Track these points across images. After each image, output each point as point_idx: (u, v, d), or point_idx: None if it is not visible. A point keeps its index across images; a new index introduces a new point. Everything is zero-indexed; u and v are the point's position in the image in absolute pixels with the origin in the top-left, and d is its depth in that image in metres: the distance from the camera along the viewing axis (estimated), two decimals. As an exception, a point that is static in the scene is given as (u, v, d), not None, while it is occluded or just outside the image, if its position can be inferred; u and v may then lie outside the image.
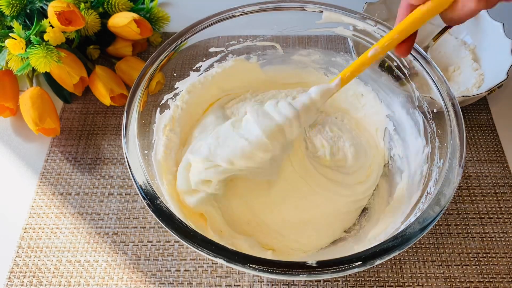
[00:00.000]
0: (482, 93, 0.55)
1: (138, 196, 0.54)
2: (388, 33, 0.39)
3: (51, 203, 0.54)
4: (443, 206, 0.37)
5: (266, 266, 0.34)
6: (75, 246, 0.51)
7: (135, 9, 0.66)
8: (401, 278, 0.48)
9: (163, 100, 0.50)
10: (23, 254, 0.50)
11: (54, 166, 0.57)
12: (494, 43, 0.61)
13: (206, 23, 0.49)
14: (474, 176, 0.56)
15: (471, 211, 0.53)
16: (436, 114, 0.44)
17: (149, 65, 0.46)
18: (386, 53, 0.43)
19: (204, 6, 0.76)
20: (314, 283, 0.48)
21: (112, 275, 0.49)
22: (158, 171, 0.45)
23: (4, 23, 0.60)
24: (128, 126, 0.42)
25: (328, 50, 0.56)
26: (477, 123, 0.61)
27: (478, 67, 0.62)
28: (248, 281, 0.48)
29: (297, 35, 0.55)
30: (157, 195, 0.38)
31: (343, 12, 0.49)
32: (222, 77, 0.54)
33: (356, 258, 0.34)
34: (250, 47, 0.54)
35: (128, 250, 0.50)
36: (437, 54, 0.66)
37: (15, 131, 0.61)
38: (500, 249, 0.50)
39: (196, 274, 0.49)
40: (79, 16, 0.57)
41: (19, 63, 0.56)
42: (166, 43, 0.48)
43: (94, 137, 0.60)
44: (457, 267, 0.49)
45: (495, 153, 0.58)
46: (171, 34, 0.70)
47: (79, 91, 0.62)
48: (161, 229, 0.52)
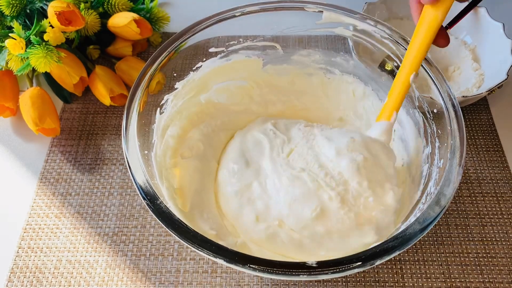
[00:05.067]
0: (482, 93, 0.55)
1: (138, 196, 0.54)
2: (416, 51, 0.41)
3: (51, 203, 0.54)
4: (443, 206, 0.37)
5: (266, 266, 0.34)
6: (75, 246, 0.51)
7: (135, 9, 0.66)
8: (401, 278, 0.48)
9: (163, 100, 0.50)
10: (23, 254, 0.50)
11: (54, 166, 0.57)
12: (494, 43, 0.61)
13: (206, 23, 0.49)
14: (474, 176, 0.56)
15: (471, 211, 0.53)
16: (436, 114, 0.44)
17: (149, 65, 0.46)
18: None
19: (204, 6, 0.76)
20: (314, 283, 0.48)
21: (112, 275, 0.49)
22: (158, 171, 0.45)
23: (4, 23, 0.60)
24: (128, 126, 0.42)
25: (328, 50, 0.56)
26: (477, 123, 0.61)
27: (478, 67, 0.62)
28: (248, 281, 0.48)
29: (297, 35, 0.55)
30: (157, 195, 0.38)
31: (343, 12, 0.49)
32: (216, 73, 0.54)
33: (356, 258, 0.34)
34: (250, 47, 0.54)
35: (128, 250, 0.50)
36: (437, 54, 0.66)
37: (15, 131, 0.61)
38: (500, 249, 0.50)
39: (196, 274, 0.49)
40: (79, 16, 0.57)
41: (19, 63, 0.56)
42: (166, 43, 0.48)
43: (94, 137, 0.60)
44: (457, 267, 0.49)
45: (495, 153, 0.58)
46: (171, 34, 0.70)
47: (79, 91, 0.62)
48: (161, 229, 0.52)
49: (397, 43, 0.48)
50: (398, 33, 0.48)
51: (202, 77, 0.53)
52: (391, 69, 0.50)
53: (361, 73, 0.55)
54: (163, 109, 0.50)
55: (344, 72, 0.56)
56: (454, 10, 0.64)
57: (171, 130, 0.51)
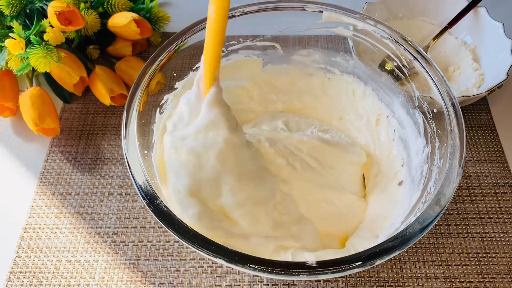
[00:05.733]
0: (482, 93, 0.55)
1: (138, 196, 0.54)
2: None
3: (51, 203, 0.54)
4: (443, 206, 0.37)
5: (266, 266, 0.34)
6: (75, 246, 0.51)
7: (135, 9, 0.66)
8: (401, 278, 0.48)
9: (163, 100, 0.50)
10: (23, 254, 0.50)
11: (54, 166, 0.57)
12: (494, 43, 0.61)
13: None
14: (474, 176, 0.56)
15: (471, 211, 0.53)
16: (436, 114, 0.44)
17: (149, 65, 0.46)
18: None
19: (205, 6, 0.75)
20: (314, 283, 0.48)
21: (112, 275, 0.49)
22: (158, 171, 0.45)
23: (4, 23, 0.60)
24: (128, 126, 0.42)
25: (328, 50, 0.56)
26: (477, 123, 0.61)
27: (478, 67, 0.62)
28: (248, 281, 0.48)
29: (297, 35, 0.55)
30: (157, 195, 0.38)
31: (343, 12, 0.49)
32: None
33: (356, 258, 0.34)
34: (250, 47, 0.54)
35: (128, 250, 0.50)
36: (437, 54, 0.66)
37: (15, 131, 0.61)
38: (500, 249, 0.50)
39: (196, 274, 0.49)
40: (79, 16, 0.57)
41: (19, 63, 0.56)
42: (166, 43, 0.48)
43: (94, 137, 0.60)
44: (457, 267, 0.49)
45: (495, 153, 0.58)
46: (171, 34, 0.70)
47: (79, 91, 0.62)
48: (161, 229, 0.52)
49: (397, 43, 0.48)
50: (398, 33, 0.48)
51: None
52: (391, 69, 0.50)
53: (361, 73, 0.55)
54: (163, 109, 0.50)
55: (344, 72, 0.56)
56: (454, 10, 0.65)
57: None
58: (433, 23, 0.68)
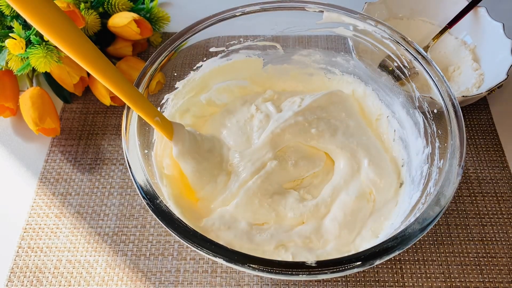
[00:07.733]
0: (482, 93, 0.55)
1: (138, 196, 0.54)
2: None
3: (51, 203, 0.54)
4: (443, 206, 0.37)
5: (266, 266, 0.34)
6: (75, 246, 0.51)
7: (135, 9, 0.66)
8: (401, 278, 0.48)
9: (163, 100, 0.50)
10: (23, 254, 0.50)
11: (54, 166, 0.57)
12: (494, 43, 0.61)
13: (206, 23, 0.49)
14: (474, 176, 0.56)
15: (471, 211, 0.53)
16: (436, 114, 0.44)
17: (149, 65, 0.46)
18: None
19: (204, 6, 0.76)
20: (314, 283, 0.48)
21: (112, 275, 0.49)
22: (158, 171, 0.45)
23: (4, 23, 0.60)
24: (128, 125, 0.42)
25: (328, 50, 0.56)
26: (477, 123, 0.61)
27: (478, 67, 0.62)
28: (248, 281, 0.48)
29: (298, 35, 0.55)
30: (157, 195, 0.38)
31: (344, 12, 0.50)
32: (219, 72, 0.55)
33: (356, 258, 0.34)
34: (251, 46, 0.54)
35: (128, 250, 0.50)
36: (437, 54, 0.66)
37: (15, 131, 0.61)
38: (500, 249, 0.50)
39: (196, 274, 0.49)
40: (79, 16, 0.57)
41: (19, 63, 0.56)
42: (166, 43, 0.48)
43: (94, 137, 0.60)
44: (457, 267, 0.49)
45: (495, 153, 0.58)
46: (171, 34, 0.70)
47: (79, 91, 0.62)
48: (161, 229, 0.52)
49: (397, 43, 0.48)
50: (398, 33, 0.48)
51: (203, 76, 0.53)
52: (391, 69, 0.50)
53: (361, 73, 0.55)
54: (163, 108, 0.50)
55: (344, 72, 0.56)
56: (454, 10, 0.65)
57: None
58: (433, 23, 0.68)
